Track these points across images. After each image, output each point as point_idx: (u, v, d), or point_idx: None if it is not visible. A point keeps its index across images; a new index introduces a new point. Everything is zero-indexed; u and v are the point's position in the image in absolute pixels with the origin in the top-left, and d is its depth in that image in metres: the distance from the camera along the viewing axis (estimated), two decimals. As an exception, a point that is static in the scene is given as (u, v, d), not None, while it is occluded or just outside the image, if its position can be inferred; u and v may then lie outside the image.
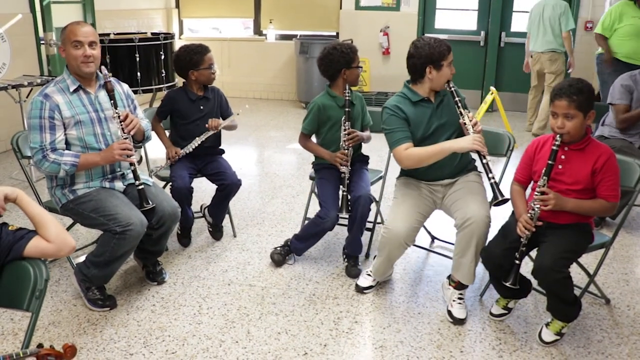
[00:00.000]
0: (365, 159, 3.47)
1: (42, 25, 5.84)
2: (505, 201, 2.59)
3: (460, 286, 2.85)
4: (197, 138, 3.40)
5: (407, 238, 2.79)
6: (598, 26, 5.54)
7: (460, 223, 2.70)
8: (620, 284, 3.22)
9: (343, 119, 3.19)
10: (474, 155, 2.84)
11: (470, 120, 2.70)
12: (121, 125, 2.78)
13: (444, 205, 2.92)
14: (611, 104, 3.88)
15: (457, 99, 2.77)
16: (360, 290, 3.06)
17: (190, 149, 3.39)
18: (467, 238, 2.69)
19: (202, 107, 3.46)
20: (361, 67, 3.31)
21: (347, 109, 3.18)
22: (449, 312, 2.82)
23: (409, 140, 2.77)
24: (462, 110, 2.74)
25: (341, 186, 3.17)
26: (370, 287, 3.07)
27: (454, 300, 2.84)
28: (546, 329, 2.65)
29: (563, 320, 2.62)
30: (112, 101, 2.79)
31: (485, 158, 2.64)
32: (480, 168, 2.95)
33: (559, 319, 2.62)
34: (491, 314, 2.84)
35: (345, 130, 3.18)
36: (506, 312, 2.83)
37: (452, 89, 2.80)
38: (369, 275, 3.09)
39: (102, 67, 2.83)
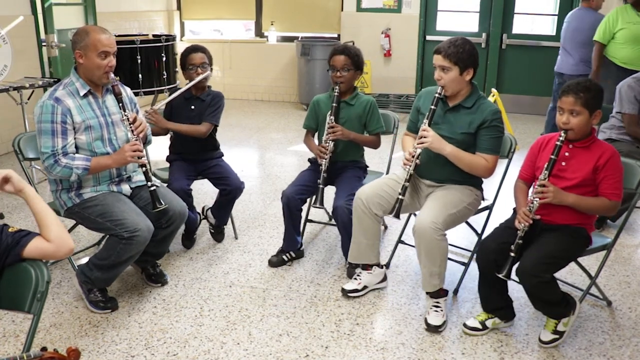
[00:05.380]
0: (361, 166, 3.43)
1: (44, 27, 5.84)
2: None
3: (433, 294, 2.80)
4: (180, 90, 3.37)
5: (367, 200, 2.87)
6: (596, 33, 5.51)
7: (412, 229, 2.73)
8: (622, 286, 3.21)
9: (328, 113, 3.22)
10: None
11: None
12: (131, 127, 2.79)
13: None
14: (620, 112, 3.83)
15: None
16: (344, 293, 3.02)
17: (169, 99, 3.33)
18: (417, 244, 2.72)
19: (192, 107, 3.44)
20: (331, 70, 3.25)
21: (333, 104, 3.22)
22: (425, 320, 2.78)
23: (413, 128, 3.04)
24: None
25: (319, 180, 3.19)
26: (354, 290, 3.02)
27: (430, 308, 2.80)
28: (543, 330, 2.65)
29: (552, 318, 2.61)
30: (120, 104, 2.80)
31: None
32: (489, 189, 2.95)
33: (549, 316, 2.62)
34: (464, 325, 2.75)
35: (328, 123, 3.20)
36: (481, 327, 2.71)
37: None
38: (355, 279, 3.06)
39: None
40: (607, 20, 5.37)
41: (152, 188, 2.80)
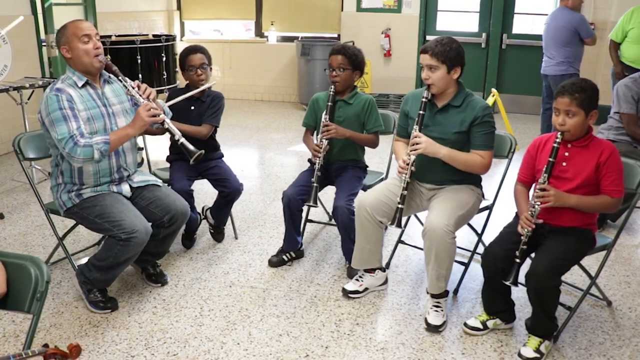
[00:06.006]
0: (361, 166, 3.42)
1: (44, 27, 5.85)
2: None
3: (435, 294, 2.79)
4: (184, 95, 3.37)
5: (371, 208, 2.85)
6: (612, 32, 5.56)
7: (422, 231, 2.72)
8: (622, 286, 3.21)
9: (324, 112, 3.22)
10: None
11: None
12: (139, 93, 2.79)
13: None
14: (619, 112, 3.84)
15: None
16: (345, 293, 3.02)
17: (175, 101, 3.35)
18: (427, 247, 2.70)
19: (192, 108, 3.43)
20: (328, 69, 3.26)
21: (328, 103, 3.22)
22: (425, 320, 2.77)
23: (403, 133, 3.03)
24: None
25: (312, 178, 3.19)
26: (356, 291, 3.02)
27: (430, 308, 2.80)
28: (524, 347, 2.56)
29: (539, 336, 2.56)
30: (118, 77, 2.81)
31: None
32: (483, 184, 2.94)
33: (536, 334, 2.57)
34: (465, 324, 2.75)
35: (322, 122, 3.20)
36: (482, 327, 2.72)
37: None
38: (357, 280, 3.06)
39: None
40: (623, 19, 5.44)
41: (180, 140, 2.79)
